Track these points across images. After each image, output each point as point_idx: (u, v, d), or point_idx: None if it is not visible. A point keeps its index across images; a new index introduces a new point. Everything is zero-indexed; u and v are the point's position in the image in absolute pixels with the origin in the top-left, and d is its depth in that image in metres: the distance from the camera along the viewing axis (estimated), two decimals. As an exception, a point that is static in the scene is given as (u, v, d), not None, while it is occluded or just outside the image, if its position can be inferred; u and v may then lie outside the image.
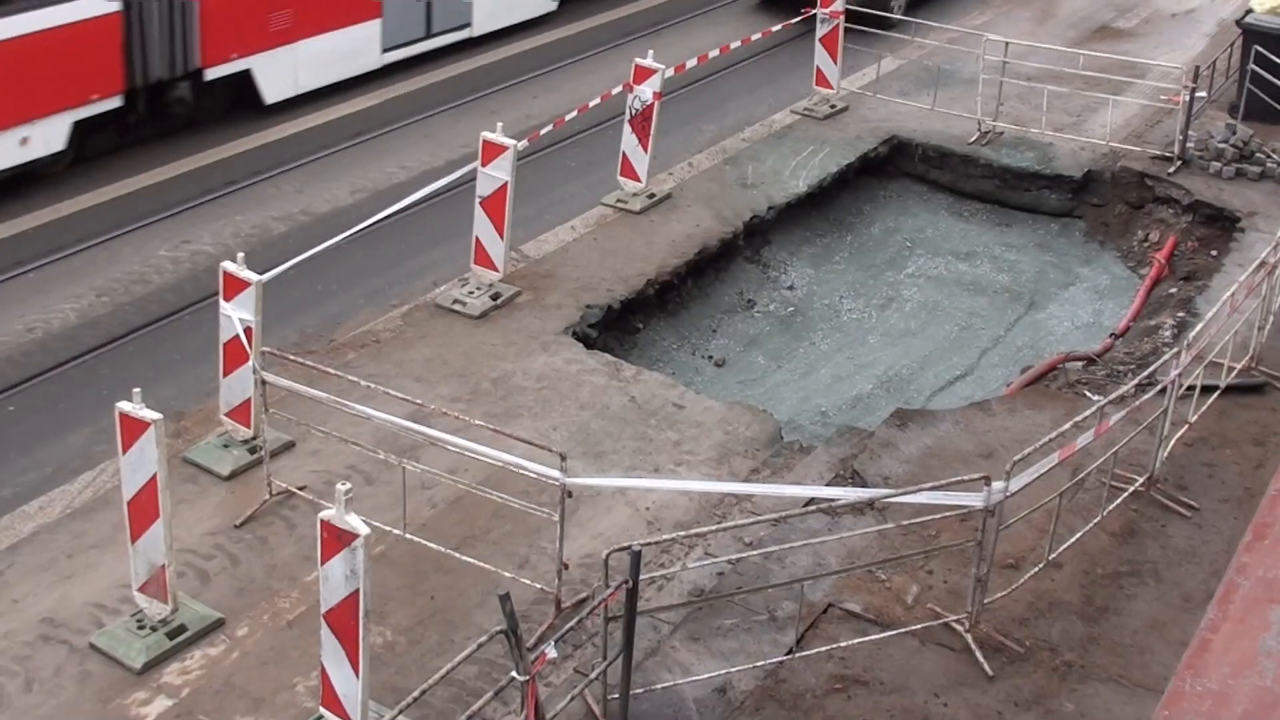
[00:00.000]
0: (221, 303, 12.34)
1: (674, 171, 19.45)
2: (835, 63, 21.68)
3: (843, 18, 21.32)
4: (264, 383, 11.87)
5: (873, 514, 12.25)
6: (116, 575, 11.23)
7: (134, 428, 10.04)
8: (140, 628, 10.69)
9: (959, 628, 10.92)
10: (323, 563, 9.02)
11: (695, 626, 11.01)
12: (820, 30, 21.47)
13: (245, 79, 20.16)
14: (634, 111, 17.82)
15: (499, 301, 15.73)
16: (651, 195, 18.44)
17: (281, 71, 20.38)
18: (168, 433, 11.49)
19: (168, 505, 10.23)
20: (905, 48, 23.67)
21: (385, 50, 22.16)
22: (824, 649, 10.67)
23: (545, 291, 16.09)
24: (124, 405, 10.06)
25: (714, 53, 19.84)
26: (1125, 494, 12.32)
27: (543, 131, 17.04)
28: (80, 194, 18.20)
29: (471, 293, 15.80)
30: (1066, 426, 10.81)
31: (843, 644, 10.72)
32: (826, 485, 12.73)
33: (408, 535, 11.45)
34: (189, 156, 19.36)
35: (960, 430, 13.72)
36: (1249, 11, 21.11)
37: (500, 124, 15.51)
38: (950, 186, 20.95)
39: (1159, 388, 12.26)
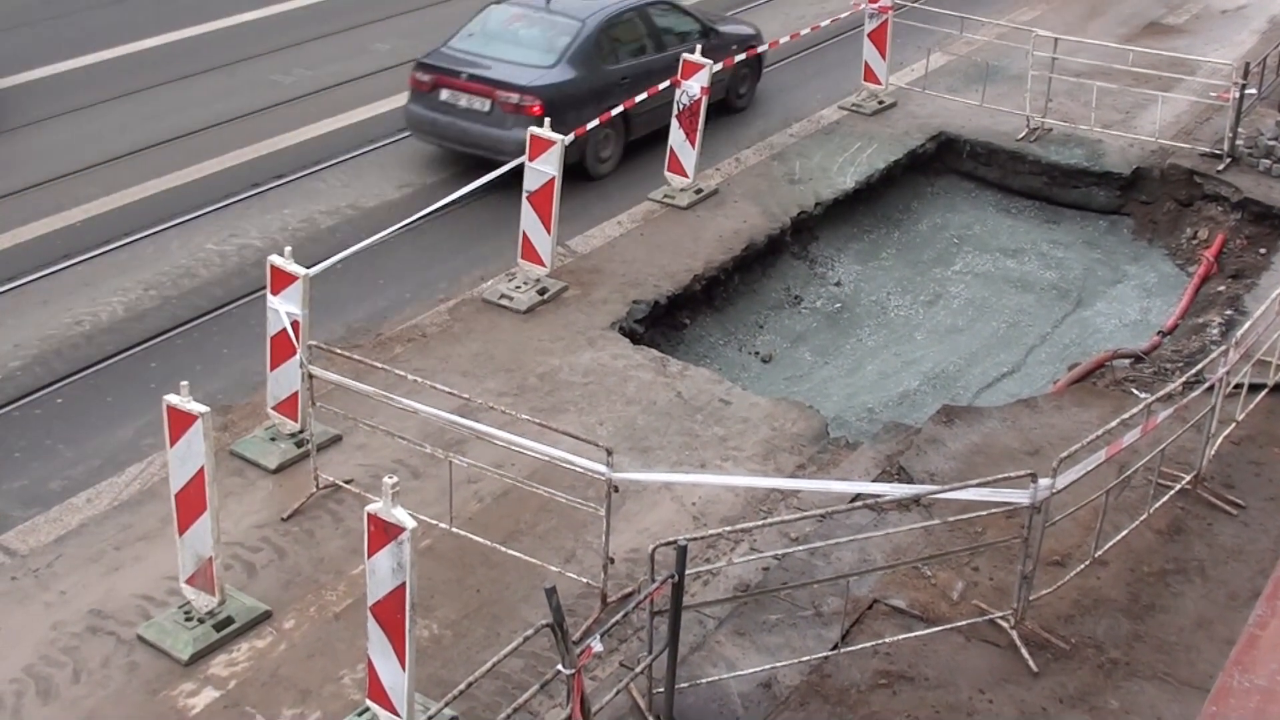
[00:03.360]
0: (269, 296, 12.39)
1: (721, 167, 19.45)
2: (883, 58, 21.62)
3: (891, 13, 21.29)
4: (311, 376, 11.91)
5: (918, 510, 12.24)
6: (164, 567, 11.32)
7: (181, 420, 10.09)
8: (188, 619, 10.76)
9: (1004, 624, 10.91)
10: (369, 556, 9.06)
11: (740, 621, 11.01)
12: (869, 25, 21.43)
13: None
14: (681, 106, 17.82)
15: (546, 296, 15.74)
16: (699, 191, 18.42)
17: None
18: (215, 426, 11.67)
19: (215, 498, 10.29)
20: (954, 43, 23.66)
21: None
22: (869, 644, 10.67)
23: (592, 287, 16.11)
24: (171, 398, 10.11)
25: (763, 48, 19.75)
26: (1172, 492, 12.28)
27: (589, 126, 17.01)
28: (127, 187, 18.28)
29: (518, 287, 15.83)
30: (1113, 424, 10.77)
31: (888, 640, 10.72)
32: (872, 481, 12.70)
33: (454, 529, 11.47)
34: (236, 150, 19.44)
35: (1007, 427, 13.67)
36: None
37: (548, 119, 15.50)
38: (998, 183, 20.86)
39: (1206, 385, 12.20)
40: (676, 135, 18.06)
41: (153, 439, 12.87)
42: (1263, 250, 18.12)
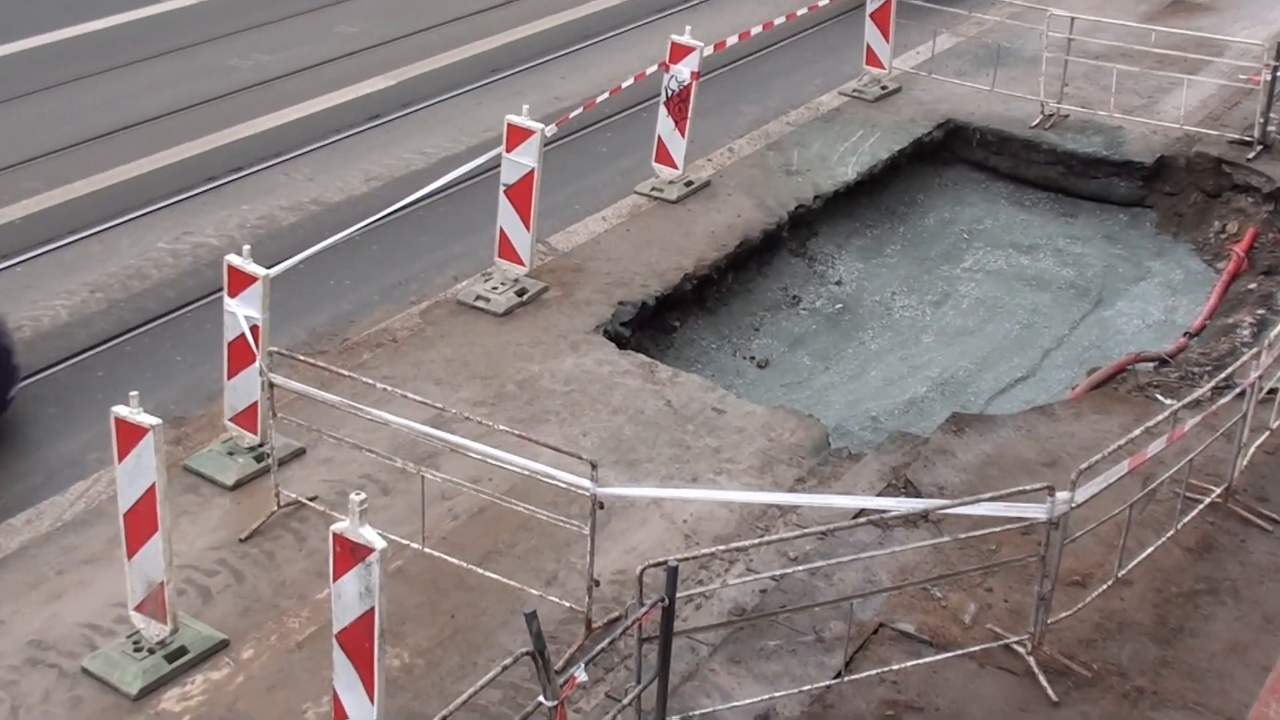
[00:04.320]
0: (226, 299, 12.35)
1: (713, 157, 19.40)
2: (887, 40, 21.59)
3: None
4: (271, 385, 11.85)
5: (927, 526, 12.22)
6: (111, 593, 11.23)
7: (131, 433, 10.02)
8: (137, 650, 10.66)
9: (1021, 649, 10.85)
10: (335, 579, 9.03)
11: (736, 648, 10.96)
12: (871, 5, 21.42)
13: None
14: (670, 93, 17.77)
15: (525, 298, 15.73)
16: (689, 183, 18.40)
17: None
18: (168, 439, 11.72)
19: (167, 517, 10.23)
20: (962, 24, 23.70)
21: None
22: (875, 672, 10.61)
23: (574, 287, 16.08)
24: (120, 409, 10.05)
25: (756, 29, 19.80)
26: (1201, 506, 12.21)
27: (572, 115, 16.98)
28: (72, 181, 18.23)
29: (495, 288, 15.80)
30: (1137, 432, 10.74)
31: (895, 667, 10.66)
32: (877, 495, 12.69)
33: (427, 549, 11.45)
34: (190, 141, 19.40)
35: (1022, 436, 13.67)
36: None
37: (526, 106, 15.43)
38: (1011, 174, 20.83)
39: (1237, 391, 12.14)
40: (665, 124, 18.04)
41: (99, 454, 12.74)
42: (1297, 244, 18.08)
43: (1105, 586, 11.28)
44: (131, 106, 20.40)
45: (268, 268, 12.25)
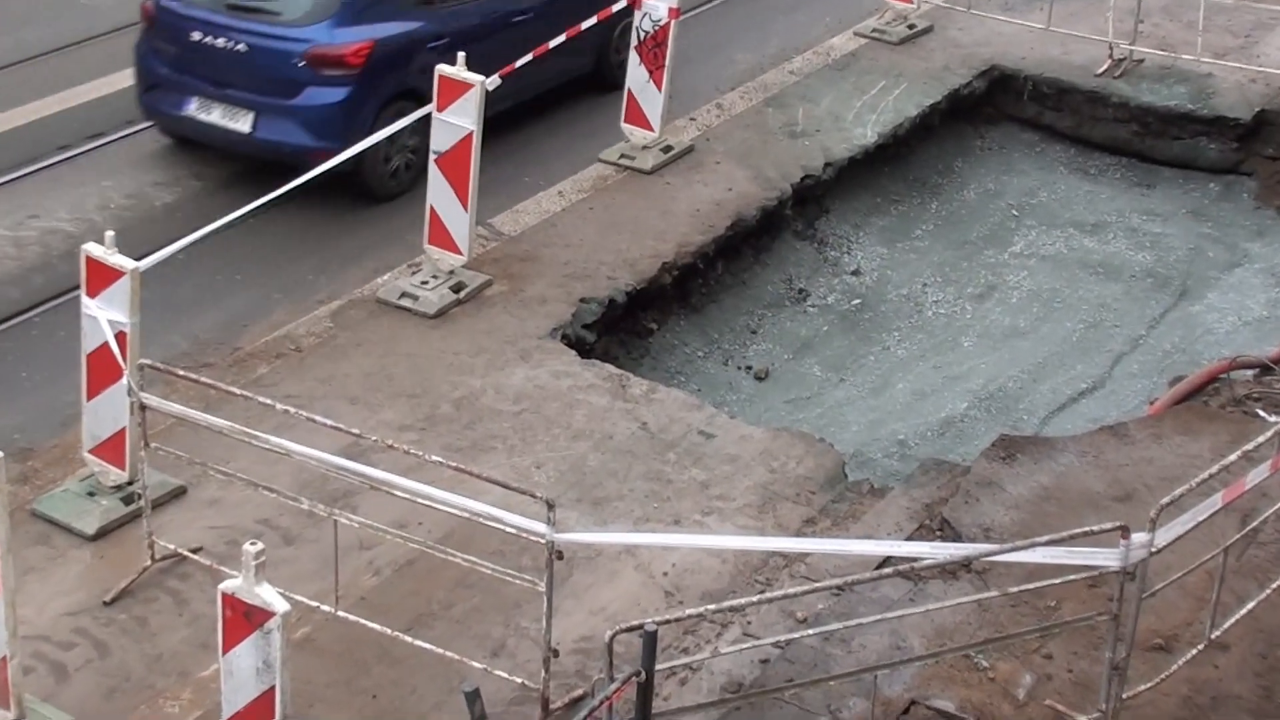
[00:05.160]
0: (84, 299, 12.30)
1: (698, 116, 19.57)
2: (916, -34, 21.77)
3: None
4: (143, 407, 11.71)
5: (970, 578, 12.21)
6: (-60, 671, 11.20)
7: (-37, 470, 9.99)
8: (-27, 744, 10.67)
9: (1089, 732, 10.81)
10: (225, 651, 9.02)
11: (731, 734, 10.82)
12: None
13: None
14: (643, 36, 17.86)
15: (463, 295, 15.76)
16: (668, 149, 18.52)
17: None
18: (11, 477, 11.58)
19: (10, 575, 10.10)
20: (1010, -54, 23.80)
21: None
22: (906, 763, 10.56)
23: (525, 281, 16.12)
24: (-51, 439, 10.05)
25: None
26: (1314, 549, 12.16)
27: (520, 63, 16.81)
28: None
29: (426, 283, 15.82)
30: (1233, 458, 10.54)
31: (932, 756, 10.64)
32: (907, 540, 12.66)
33: (341, 613, 11.36)
34: (35, 100, 19.42)
35: (1088, 464, 13.68)
36: None
37: (463, 54, 15.37)
38: (1071, 134, 21.08)
39: (1360, 405, 12.11)
40: (637, 74, 18.14)
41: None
42: None
43: (1195, 651, 11.15)
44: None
45: (137, 259, 12.17)
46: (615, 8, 18.23)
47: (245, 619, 8.88)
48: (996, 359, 17.15)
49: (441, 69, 15.29)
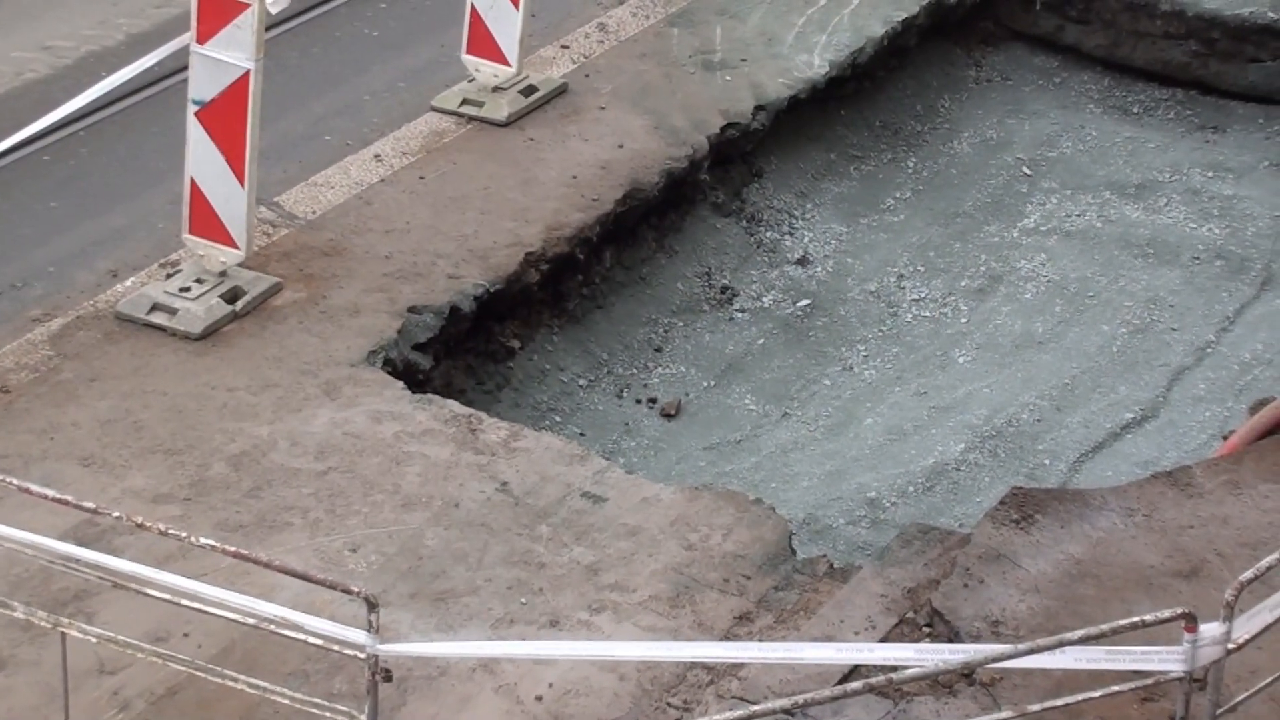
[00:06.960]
0: None
1: (571, 43, 18.72)
2: None
3: None
4: None
5: (973, 693, 11.13)
6: None
7: None
8: None
9: None
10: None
11: None
12: None
13: None
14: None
15: (240, 306, 14.58)
16: (530, 90, 17.37)
17: None
18: None
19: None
20: None
21: None
22: None
23: (329, 283, 15.01)
24: None
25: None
26: None
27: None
28: None
29: (186, 290, 14.55)
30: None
31: None
32: (881, 641, 11.67)
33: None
34: None
35: (1134, 525, 12.53)
36: None
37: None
38: (1103, 58, 20.30)
39: None
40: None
41: None
42: None
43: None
44: None
45: None
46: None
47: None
48: (1004, 380, 16.09)
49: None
